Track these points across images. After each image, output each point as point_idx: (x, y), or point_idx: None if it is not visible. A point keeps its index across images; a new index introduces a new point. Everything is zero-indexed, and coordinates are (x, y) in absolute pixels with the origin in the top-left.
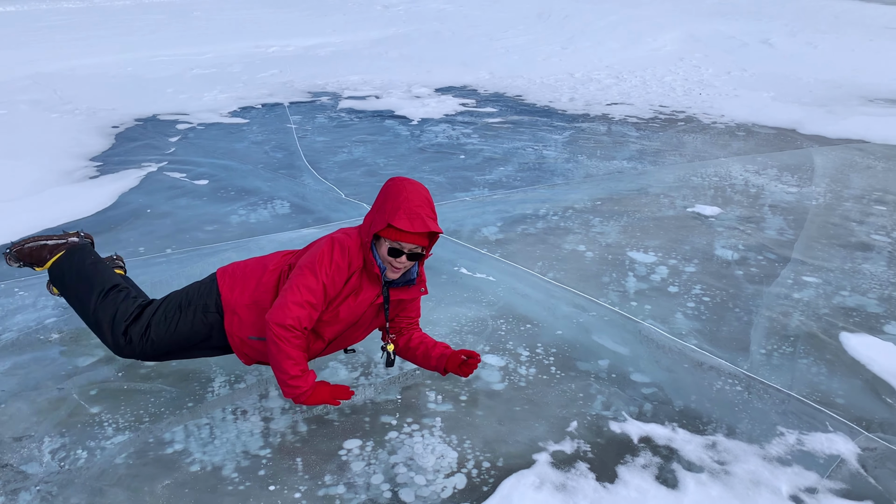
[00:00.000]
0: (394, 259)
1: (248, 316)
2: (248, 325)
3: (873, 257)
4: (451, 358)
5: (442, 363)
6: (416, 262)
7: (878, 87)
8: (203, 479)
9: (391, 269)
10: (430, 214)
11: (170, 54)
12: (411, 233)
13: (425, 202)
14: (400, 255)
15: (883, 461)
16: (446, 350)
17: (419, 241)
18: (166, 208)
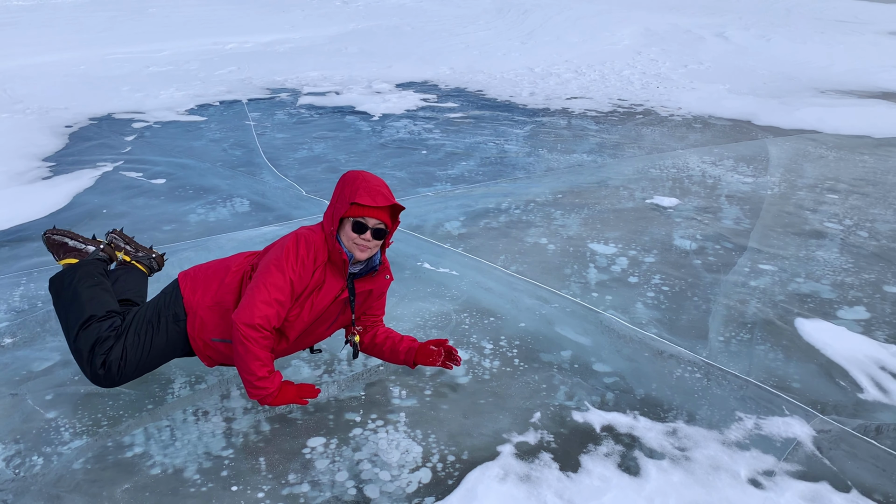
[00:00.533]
0: (358, 235)
1: (211, 318)
2: (211, 327)
3: (826, 244)
4: (420, 350)
5: (411, 356)
6: (380, 248)
7: (829, 78)
8: (164, 482)
9: (358, 249)
10: (389, 195)
11: (124, 52)
12: (374, 207)
13: (383, 185)
14: (365, 231)
15: (837, 443)
16: (413, 343)
17: (382, 216)
18: (123, 208)
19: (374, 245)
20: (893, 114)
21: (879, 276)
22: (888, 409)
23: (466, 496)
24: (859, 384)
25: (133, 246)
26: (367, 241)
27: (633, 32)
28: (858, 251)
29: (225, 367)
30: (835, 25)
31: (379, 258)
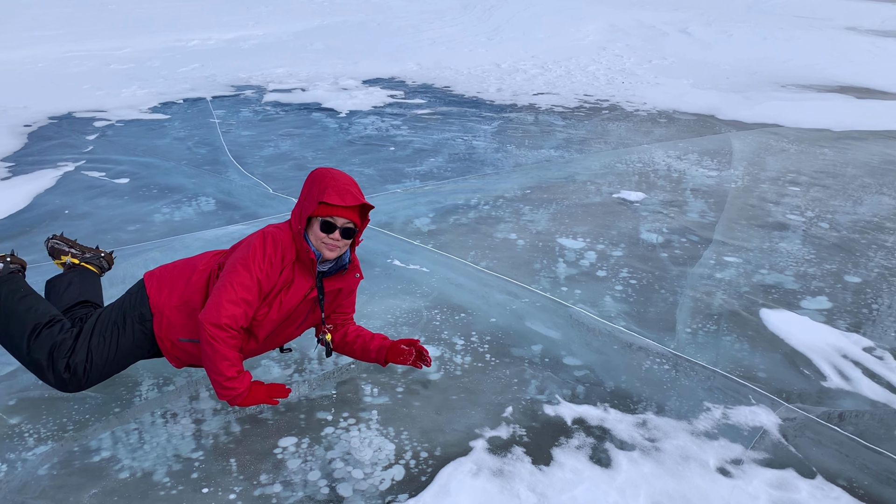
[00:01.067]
0: (327, 235)
1: (178, 317)
2: (178, 327)
3: (789, 236)
4: (391, 349)
5: (382, 354)
6: (349, 247)
7: (790, 72)
8: (133, 486)
9: (327, 248)
10: (358, 193)
11: (84, 49)
12: (342, 206)
13: (352, 183)
14: (333, 230)
15: (802, 430)
16: (385, 341)
17: (351, 215)
18: (85, 209)
19: (343, 244)
20: (851, 107)
21: (840, 266)
22: (850, 397)
23: (440, 492)
24: (823, 372)
25: (78, 248)
26: (335, 241)
27: (598, 28)
28: (820, 242)
29: (193, 367)
30: (794, 21)
31: (348, 256)
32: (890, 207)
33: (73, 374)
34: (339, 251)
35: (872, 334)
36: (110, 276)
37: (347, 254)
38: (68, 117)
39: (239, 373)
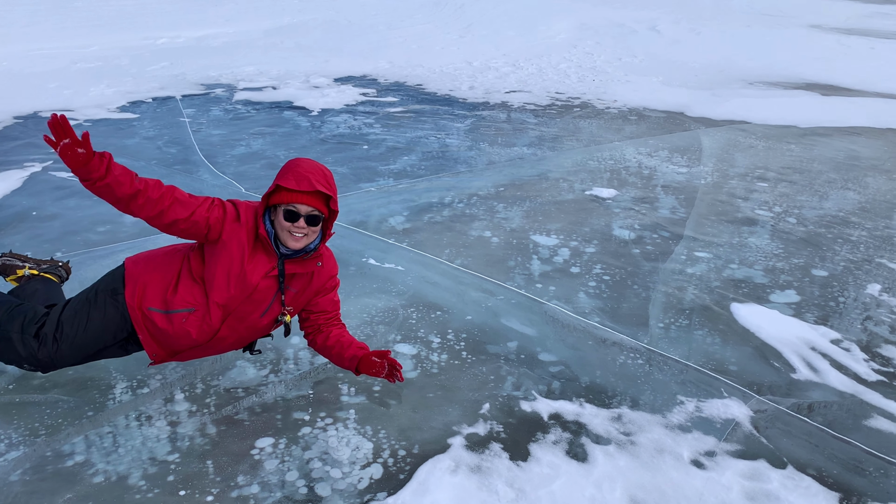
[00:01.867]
0: (291, 224)
1: (152, 287)
2: (151, 296)
3: (758, 231)
4: (363, 360)
5: (353, 364)
6: (319, 236)
7: (757, 70)
8: (108, 490)
9: (291, 238)
10: (319, 179)
11: (50, 47)
12: (300, 192)
13: (318, 171)
14: (297, 219)
15: (773, 421)
16: (359, 352)
17: (313, 202)
18: (54, 210)
19: (310, 232)
20: (817, 104)
21: (808, 260)
22: (819, 388)
23: (419, 489)
24: (792, 365)
25: (33, 261)
26: (300, 229)
27: (569, 26)
28: (788, 237)
29: (167, 367)
30: (760, 19)
31: (317, 244)
32: (854, 202)
33: (42, 342)
34: (307, 240)
35: (839, 326)
36: (79, 279)
37: (317, 241)
38: (34, 117)
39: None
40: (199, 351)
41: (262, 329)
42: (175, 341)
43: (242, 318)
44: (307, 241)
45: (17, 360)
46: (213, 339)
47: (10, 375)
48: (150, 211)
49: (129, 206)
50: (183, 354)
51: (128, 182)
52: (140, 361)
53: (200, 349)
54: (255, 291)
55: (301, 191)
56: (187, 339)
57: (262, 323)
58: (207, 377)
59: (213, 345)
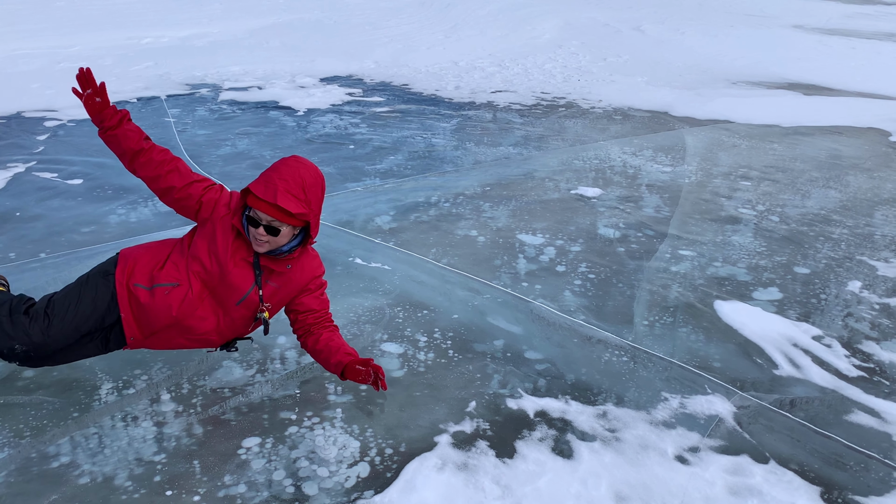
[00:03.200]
0: (253, 229)
1: (140, 265)
2: (138, 274)
3: (741, 229)
4: (348, 367)
5: (339, 370)
6: (297, 240)
7: (740, 70)
8: (94, 491)
9: (254, 241)
10: (291, 189)
11: (33, 47)
12: (263, 201)
13: (294, 180)
14: (258, 226)
15: (756, 417)
16: (344, 358)
17: (275, 213)
18: (37, 210)
19: (271, 241)
20: (800, 104)
21: (790, 258)
22: (801, 384)
23: (405, 487)
24: (774, 361)
25: None
26: (261, 235)
27: (554, 26)
28: (771, 235)
29: (155, 364)
30: (744, 19)
31: (290, 248)
32: (836, 200)
33: (33, 319)
34: (269, 246)
35: (821, 323)
36: (63, 279)
37: (291, 246)
38: (17, 117)
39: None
40: (177, 335)
41: (241, 322)
42: (154, 317)
43: (221, 301)
44: (270, 247)
45: (6, 342)
46: (192, 317)
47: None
48: (149, 171)
49: (133, 162)
50: (160, 336)
51: (135, 139)
52: (125, 362)
53: (178, 332)
54: (231, 275)
55: (263, 199)
56: (167, 314)
57: (238, 313)
58: (194, 377)
59: (192, 326)
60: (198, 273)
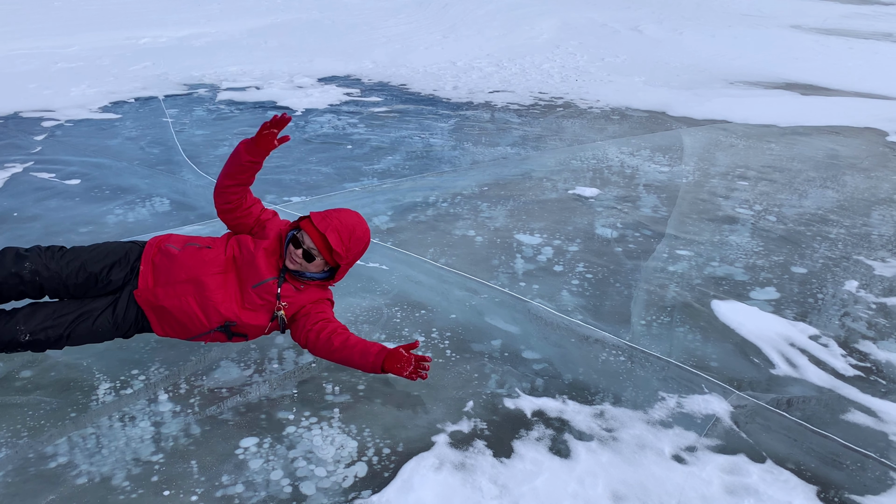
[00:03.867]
0: (293, 248)
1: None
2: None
3: (738, 229)
4: (392, 354)
5: (381, 357)
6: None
7: (738, 70)
8: (91, 491)
9: (288, 257)
10: (341, 232)
11: (30, 47)
12: (315, 228)
13: (348, 227)
14: (299, 247)
15: (753, 416)
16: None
17: (319, 244)
18: (35, 211)
19: (303, 264)
20: (797, 103)
21: (787, 257)
22: (798, 383)
23: (403, 487)
24: (771, 361)
25: None
26: (297, 257)
27: (552, 26)
28: (768, 235)
29: (153, 364)
30: (741, 19)
31: (313, 276)
32: (833, 200)
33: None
34: (298, 268)
35: (818, 323)
36: None
37: (316, 276)
38: (14, 117)
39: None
40: (190, 292)
41: (249, 307)
42: (178, 268)
43: (241, 280)
44: (299, 268)
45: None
46: (213, 277)
47: None
48: (234, 197)
49: (235, 186)
50: (172, 289)
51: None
52: (123, 363)
53: (192, 290)
54: (259, 260)
55: (315, 227)
56: (191, 266)
57: (251, 297)
58: (191, 377)
59: (208, 287)
60: (233, 248)
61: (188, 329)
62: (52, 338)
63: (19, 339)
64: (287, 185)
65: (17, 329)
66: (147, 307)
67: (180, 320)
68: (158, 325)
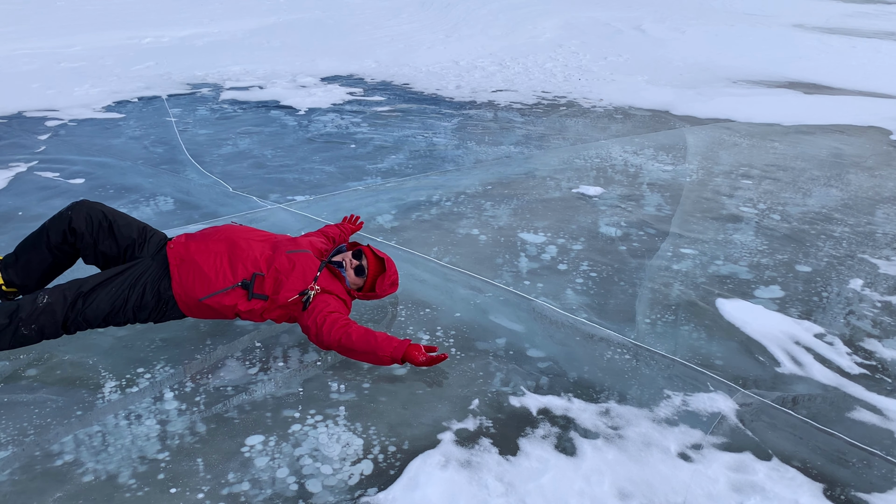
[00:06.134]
0: (352, 257)
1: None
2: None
3: (742, 228)
4: (410, 349)
5: (404, 345)
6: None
7: (741, 69)
8: (98, 489)
9: (342, 255)
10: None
11: (33, 47)
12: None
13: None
14: (360, 257)
15: (758, 414)
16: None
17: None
18: (40, 210)
19: (349, 271)
20: (800, 102)
21: (792, 256)
22: (803, 381)
23: (409, 484)
24: (777, 359)
25: None
26: (350, 264)
27: (555, 25)
28: (772, 233)
29: (158, 363)
30: (743, 18)
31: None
32: (837, 199)
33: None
34: (346, 270)
35: (823, 321)
36: (68, 279)
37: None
38: (18, 117)
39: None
40: (222, 250)
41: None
42: (214, 230)
43: (277, 245)
44: (344, 270)
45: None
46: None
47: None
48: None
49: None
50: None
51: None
52: (129, 361)
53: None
54: (303, 237)
55: (374, 253)
56: (230, 229)
57: (282, 259)
58: (197, 376)
59: (241, 247)
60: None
61: (210, 282)
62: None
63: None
64: (290, 185)
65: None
66: (175, 261)
67: (205, 272)
68: (178, 279)
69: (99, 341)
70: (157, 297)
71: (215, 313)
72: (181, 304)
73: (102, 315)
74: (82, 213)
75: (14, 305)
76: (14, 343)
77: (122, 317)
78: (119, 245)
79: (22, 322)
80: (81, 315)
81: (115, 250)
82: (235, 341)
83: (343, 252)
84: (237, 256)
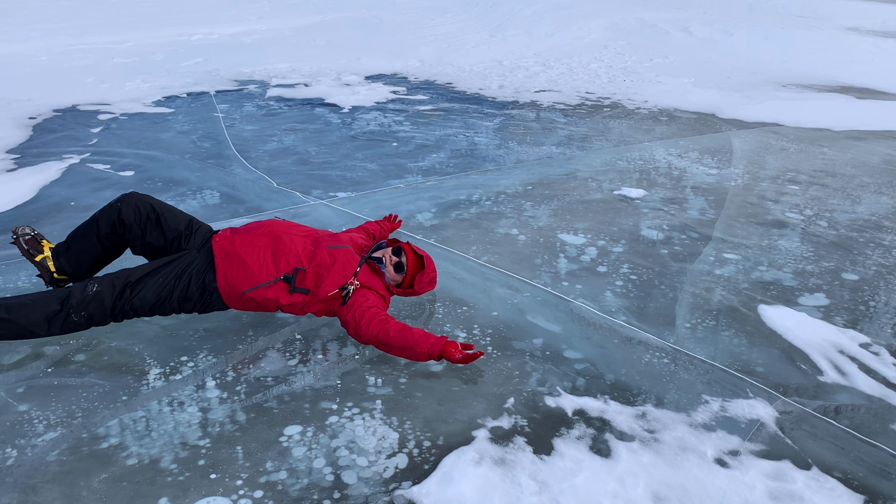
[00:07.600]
0: (392, 254)
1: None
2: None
3: (788, 234)
4: (447, 346)
5: (441, 341)
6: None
7: (790, 72)
8: (141, 472)
9: (382, 250)
10: (431, 268)
11: (87, 43)
12: (414, 252)
13: (433, 272)
14: (400, 255)
15: (798, 423)
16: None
17: (411, 262)
18: (91, 201)
19: (388, 266)
20: (852, 107)
21: (838, 264)
22: (846, 391)
23: (443, 479)
24: (819, 367)
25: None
26: (390, 261)
27: (600, 26)
28: (818, 240)
29: (201, 352)
30: (795, 21)
31: (386, 273)
32: (888, 207)
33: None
34: (385, 266)
35: (869, 331)
36: (117, 268)
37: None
38: (72, 110)
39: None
40: (266, 243)
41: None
42: (257, 227)
43: (318, 240)
44: (383, 265)
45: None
46: (291, 235)
47: (49, 358)
48: None
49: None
50: (248, 237)
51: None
52: (173, 350)
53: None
54: (343, 233)
55: (417, 251)
56: (270, 225)
57: (322, 254)
58: (238, 366)
59: (284, 241)
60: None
61: (253, 275)
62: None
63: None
64: (333, 181)
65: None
66: (220, 253)
67: (249, 265)
68: (222, 272)
69: (144, 329)
70: (202, 288)
71: (258, 306)
72: (225, 296)
73: (149, 304)
74: (131, 205)
75: (65, 292)
76: (65, 329)
77: (168, 307)
78: (166, 237)
79: (73, 309)
80: (129, 304)
81: (162, 242)
82: (276, 333)
83: (383, 248)
84: (280, 251)
